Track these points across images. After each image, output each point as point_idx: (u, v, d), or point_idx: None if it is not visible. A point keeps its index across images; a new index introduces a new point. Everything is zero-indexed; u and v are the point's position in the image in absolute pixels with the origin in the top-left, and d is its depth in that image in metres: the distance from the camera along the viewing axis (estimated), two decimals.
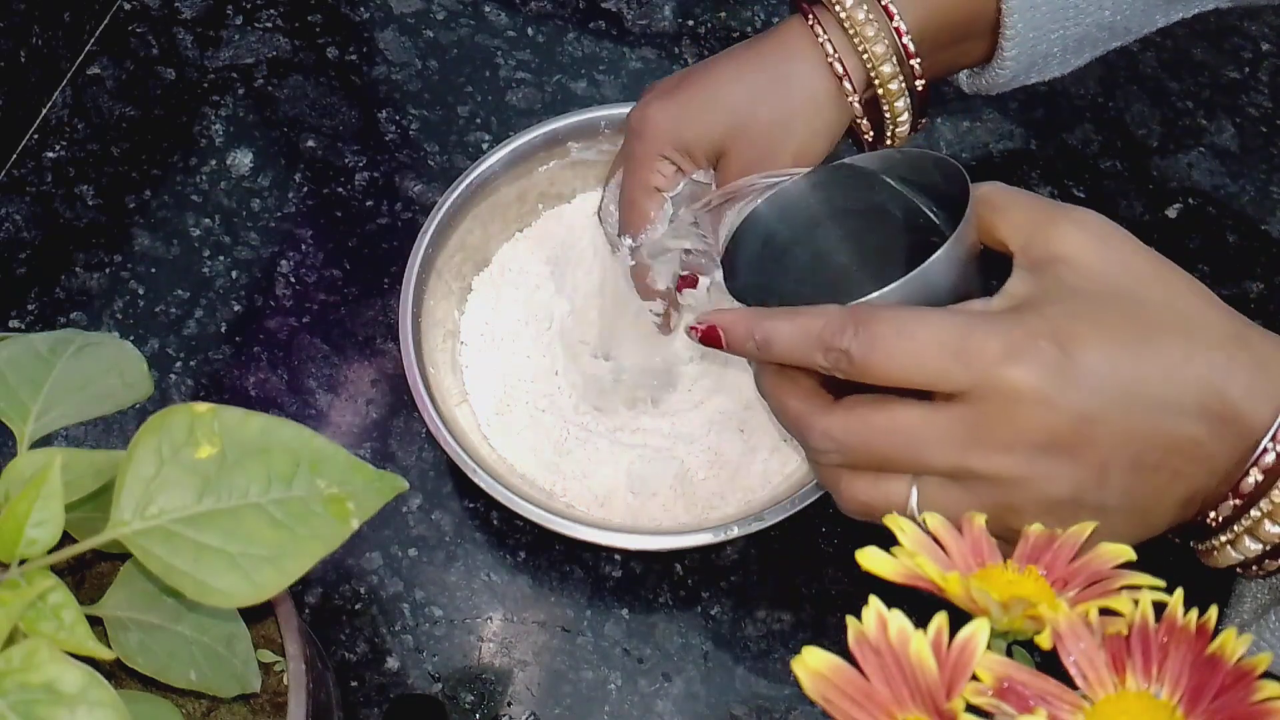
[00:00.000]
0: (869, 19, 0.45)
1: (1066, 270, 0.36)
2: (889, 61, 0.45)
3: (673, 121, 0.47)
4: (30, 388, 0.35)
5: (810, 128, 0.47)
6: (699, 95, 0.47)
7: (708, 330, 0.38)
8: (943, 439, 0.34)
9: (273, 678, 0.39)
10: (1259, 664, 0.28)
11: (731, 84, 0.47)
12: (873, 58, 0.45)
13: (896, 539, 0.33)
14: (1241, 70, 0.66)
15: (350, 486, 0.32)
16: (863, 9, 0.45)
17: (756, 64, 0.47)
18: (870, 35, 0.45)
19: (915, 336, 0.34)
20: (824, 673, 0.28)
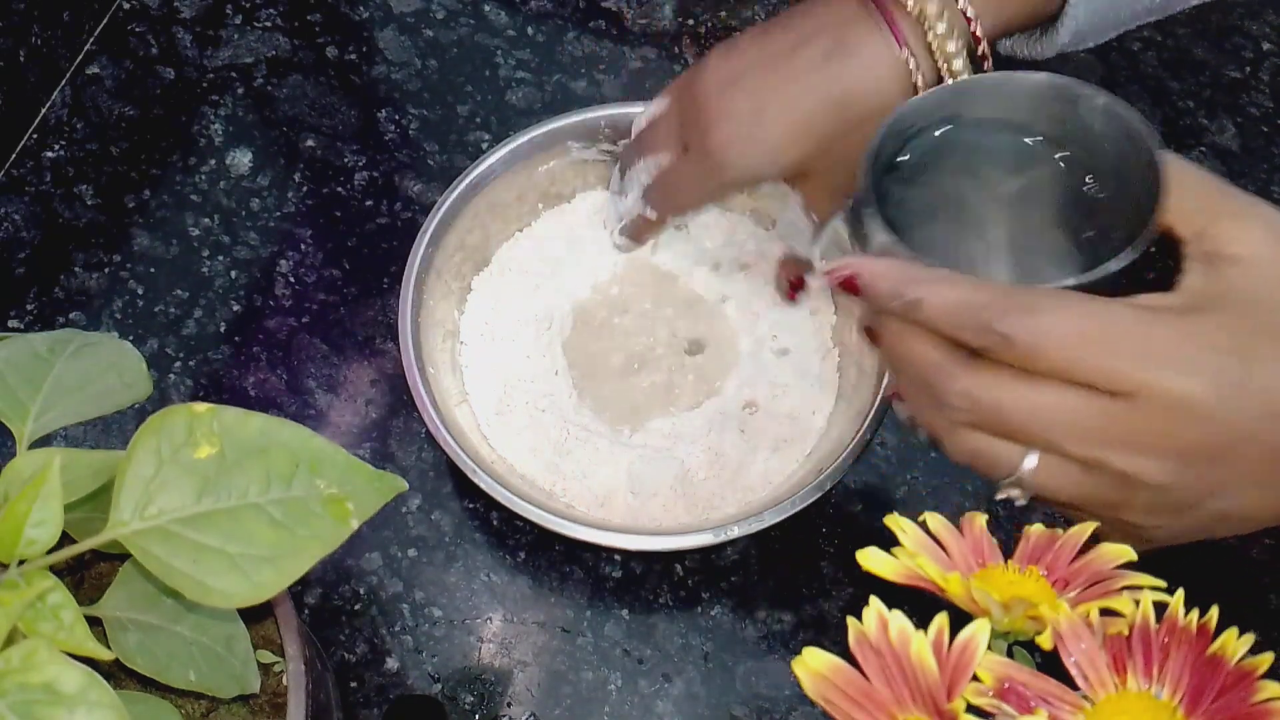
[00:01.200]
0: (949, 25, 0.43)
1: (1246, 273, 0.34)
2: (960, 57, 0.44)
3: (764, 164, 0.46)
4: (29, 388, 0.35)
5: None
6: (790, 135, 0.45)
7: (847, 279, 0.36)
8: (1091, 429, 0.33)
9: (272, 678, 0.39)
10: (1260, 664, 0.28)
11: (821, 121, 0.44)
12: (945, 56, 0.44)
13: (897, 539, 0.33)
14: (1242, 70, 0.66)
15: (350, 487, 0.32)
16: (943, 20, 0.43)
17: (840, 93, 0.44)
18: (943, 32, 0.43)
19: (1089, 335, 0.32)
20: (824, 673, 0.28)
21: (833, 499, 0.54)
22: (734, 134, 0.45)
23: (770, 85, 0.45)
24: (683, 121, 0.48)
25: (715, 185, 0.47)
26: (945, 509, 0.44)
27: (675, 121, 0.48)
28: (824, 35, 0.45)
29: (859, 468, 0.54)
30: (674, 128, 0.48)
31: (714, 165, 0.46)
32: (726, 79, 0.46)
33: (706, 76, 0.47)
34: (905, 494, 0.54)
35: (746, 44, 0.47)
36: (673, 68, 0.65)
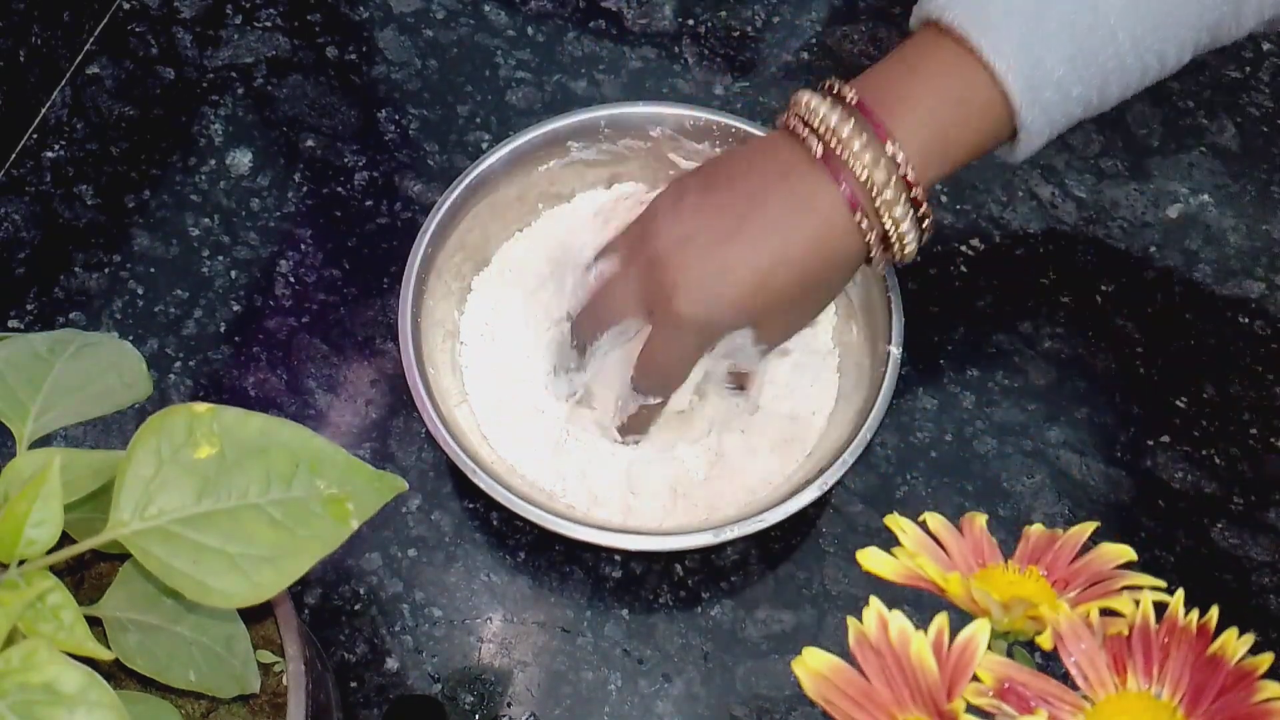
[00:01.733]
0: (896, 192, 0.44)
1: None
2: (906, 220, 0.45)
3: (735, 318, 0.46)
4: (29, 388, 0.35)
5: (829, 301, 0.50)
6: (756, 292, 0.45)
7: None
8: None
9: (272, 678, 0.39)
10: (1260, 664, 0.28)
11: (785, 277, 0.45)
12: (894, 220, 0.45)
13: (897, 539, 0.33)
14: (1242, 70, 0.66)
15: (350, 487, 0.32)
16: (890, 187, 0.44)
17: (802, 250, 0.45)
18: (890, 198, 0.44)
19: None
20: (824, 673, 0.28)
21: (832, 499, 0.54)
22: (701, 294, 0.45)
23: (729, 244, 0.45)
24: (639, 284, 0.47)
25: (692, 349, 0.47)
26: (945, 509, 0.44)
27: (630, 285, 0.47)
28: (778, 191, 0.45)
29: (859, 468, 0.54)
30: (631, 292, 0.47)
31: (683, 329, 0.46)
32: (679, 238, 0.46)
33: (657, 236, 0.46)
34: (905, 494, 0.54)
35: (694, 197, 0.47)
36: (672, 68, 0.65)
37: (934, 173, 0.45)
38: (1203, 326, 0.59)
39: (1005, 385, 0.57)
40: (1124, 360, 0.58)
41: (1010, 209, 0.62)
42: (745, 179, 0.46)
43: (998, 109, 0.44)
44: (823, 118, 0.44)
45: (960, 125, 0.44)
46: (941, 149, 0.44)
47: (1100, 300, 0.60)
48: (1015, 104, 0.43)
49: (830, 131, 0.44)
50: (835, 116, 0.44)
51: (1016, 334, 0.59)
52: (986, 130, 0.44)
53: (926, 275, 0.60)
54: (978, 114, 0.44)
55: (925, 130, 0.44)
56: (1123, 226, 0.62)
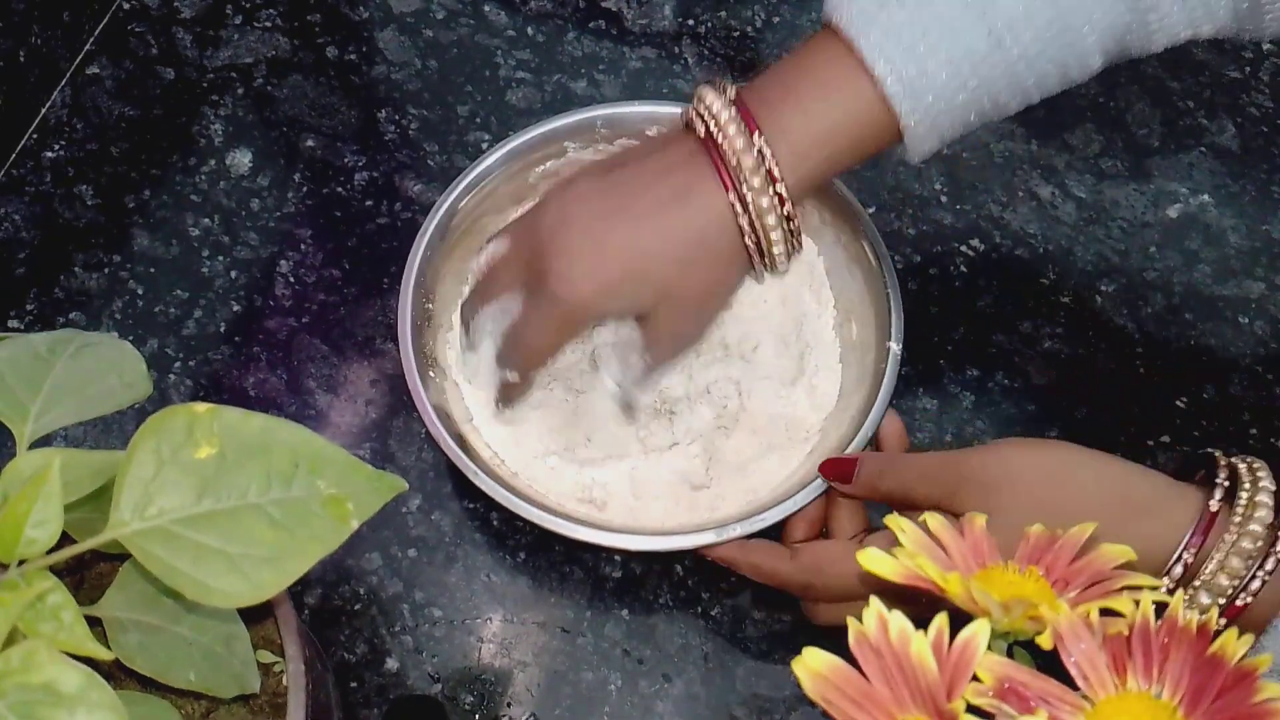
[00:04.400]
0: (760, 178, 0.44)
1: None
2: (771, 213, 0.45)
3: (605, 300, 0.46)
4: (29, 388, 0.35)
5: (730, 289, 0.49)
6: (630, 272, 0.46)
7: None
8: None
9: (272, 678, 0.39)
10: (1260, 665, 0.28)
11: (660, 260, 0.46)
12: (758, 211, 0.45)
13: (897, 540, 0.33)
14: (1242, 70, 0.66)
15: (349, 487, 0.32)
16: (757, 175, 0.44)
17: (681, 234, 0.45)
18: (757, 186, 0.45)
19: None
20: (824, 673, 0.28)
21: None
22: (573, 271, 0.45)
23: (609, 224, 0.46)
24: (523, 263, 0.47)
25: (561, 325, 0.47)
26: None
27: (515, 264, 0.48)
28: (662, 177, 0.46)
29: None
30: (514, 270, 0.48)
31: (558, 304, 0.46)
32: (565, 217, 0.46)
33: (545, 216, 0.47)
34: None
35: (586, 182, 0.47)
36: (672, 68, 0.65)
37: (809, 170, 0.45)
38: (1202, 327, 0.59)
39: (1005, 385, 0.57)
40: (1124, 360, 0.58)
41: (1010, 209, 0.62)
42: (636, 167, 0.47)
43: (879, 112, 0.44)
44: (712, 110, 0.45)
45: (841, 126, 0.44)
46: (818, 148, 0.45)
47: (1100, 300, 0.60)
48: (895, 108, 0.43)
49: (714, 121, 0.45)
50: (721, 109, 0.45)
51: (1016, 334, 0.59)
52: (868, 133, 0.45)
53: (926, 275, 0.60)
54: (859, 116, 0.44)
55: (800, 129, 0.44)
56: (1123, 226, 0.62)
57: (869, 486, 0.46)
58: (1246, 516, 0.39)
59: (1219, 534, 0.39)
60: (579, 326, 0.48)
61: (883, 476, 0.46)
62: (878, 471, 0.46)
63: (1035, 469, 0.42)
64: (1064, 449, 0.43)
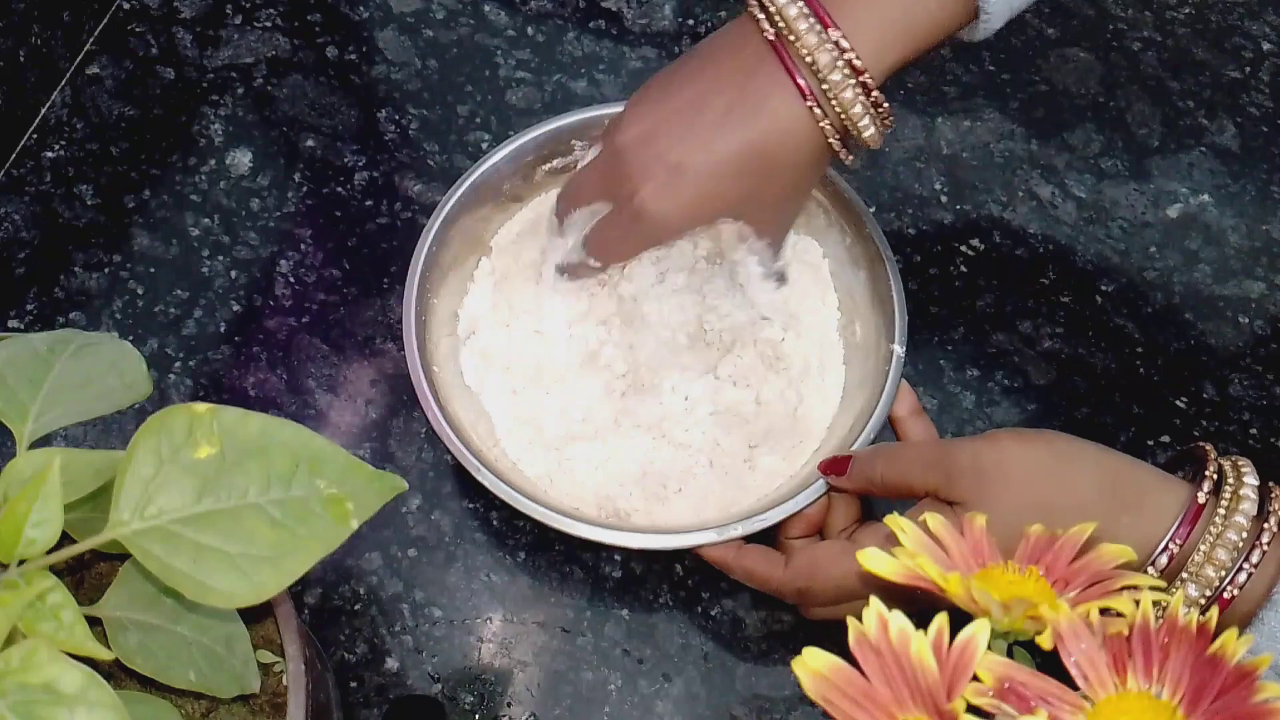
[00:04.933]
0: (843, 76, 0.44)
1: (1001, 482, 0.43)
2: (857, 104, 0.45)
3: (684, 221, 0.47)
4: (29, 388, 0.35)
5: (811, 184, 0.50)
6: (706, 193, 0.46)
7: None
8: None
9: (272, 678, 0.39)
10: (1259, 664, 0.28)
11: (737, 177, 0.46)
12: (842, 104, 0.45)
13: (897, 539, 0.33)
14: (1242, 70, 0.66)
15: (349, 487, 0.32)
16: (835, 70, 0.44)
17: (757, 147, 0.45)
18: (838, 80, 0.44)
19: None
20: (824, 673, 0.28)
21: None
22: (655, 193, 0.46)
23: (684, 143, 0.46)
24: (606, 177, 0.48)
25: (646, 240, 0.49)
26: None
27: (602, 174, 0.49)
28: (729, 88, 0.46)
29: None
30: (600, 180, 0.49)
31: (642, 222, 0.47)
32: (641, 137, 0.47)
33: (623, 134, 0.47)
34: None
35: (656, 96, 0.48)
36: None
37: (892, 58, 0.44)
38: (1202, 326, 0.59)
39: (1005, 385, 0.57)
40: (1124, 360, 0.58)
41: (1010, 209, 0.62)
42: (702, 73, 0.47)
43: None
44: (781, 7, 0.44)
45: (918, 9, 0.44)
46: (898, 34, 0.44)
47: (1100, 300, 0.60)
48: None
49: (780, 16, 0.44)
50: (793, 9, 0.44)
51: (1016, 334, 0.59)
52: (946, 13, 0.44)
53: (926, 275, 0.60)
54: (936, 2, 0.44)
55: (877, 16, 0.44)
56: (1123, 226, 0.62)
57: (864, 477, 0.46)
58: (1231, 509, 0.40)
59: (1205, 527, 0.40)
60: (658, 242, 0.49)
61: (877, 465, 0.46)
62: (871, 460, 0.46)
63: (1028, 460, 0.42)
64: (1058, 440, 0.43)
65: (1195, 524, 0.40)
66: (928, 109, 0.65)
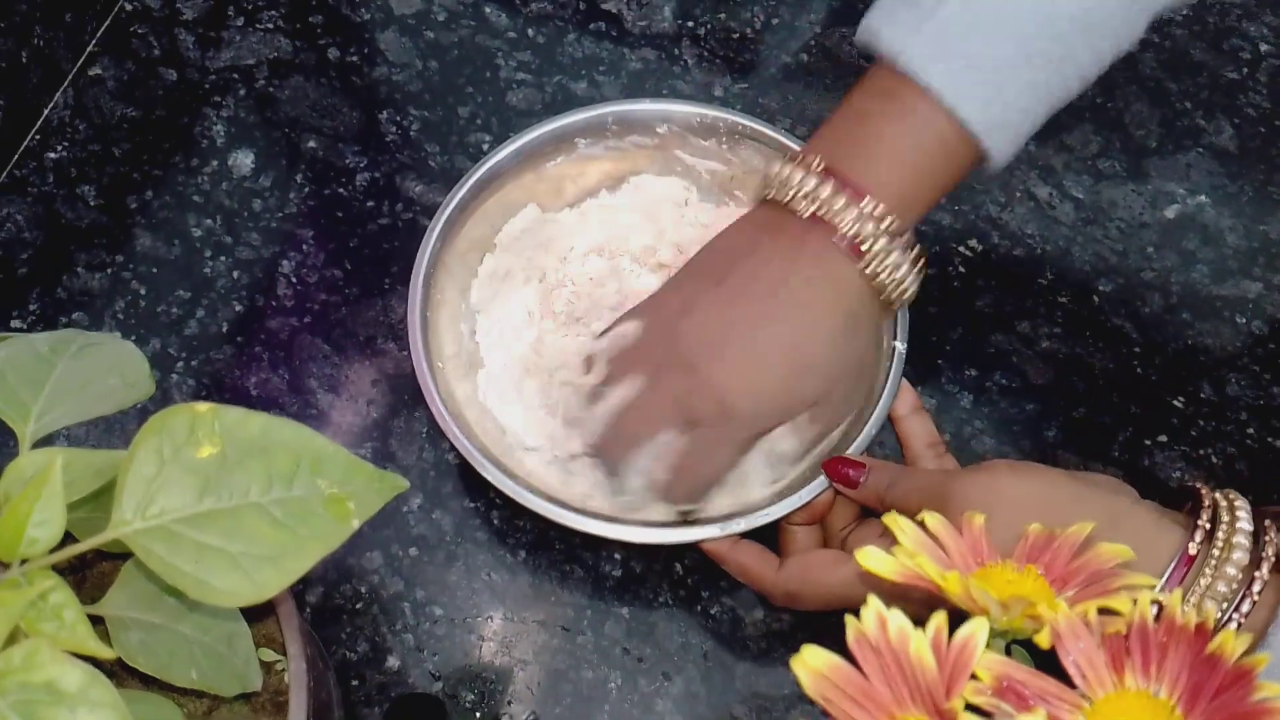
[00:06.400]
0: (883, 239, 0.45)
1: None
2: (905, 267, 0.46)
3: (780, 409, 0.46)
4: (31, 388, 0.35)
5: (877, 345, 0.50)
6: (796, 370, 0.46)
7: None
8: None
9: (274, 677, 0.39)
10: (1257, 663, 0.28)
11: (819, 348, 0.46)
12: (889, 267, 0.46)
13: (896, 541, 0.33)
14: (1240, 71, 0.66)
15: (351, 486, 0.32)
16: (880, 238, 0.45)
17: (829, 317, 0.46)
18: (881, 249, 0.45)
19: None
20: (824, 672, 0.29)
21: None
22: (740, 389, 0.45)
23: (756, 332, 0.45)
24: (679, 395, 0.46)
25: (739, 446, 0.47)
26: None
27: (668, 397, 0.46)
28: (784, 264, 0.46)
29: None
30: (669, 404, 0.46)
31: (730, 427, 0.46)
32: (709, 336, 0.45)
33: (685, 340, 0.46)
34: None
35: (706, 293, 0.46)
36: (672, 69, 0.66)
37: (915, 213, 0.46)
38: (1200, 326, 0.59)
39: (1003, 385, 0.57)
40: (1121, 360, 0.58)
41: (1008, 210, 0.62)
42: (748, 261, 0.46)
43: (965, 146, 0.45)
44: (799, 183, 0.45)
45: (930, 167, 0.45)
46: (916, 192, 0.45)
47: (1098, 300, 0.60)
48: (980, 141, 0.44)
49: (810, 196, 0.45)
50: (812, 181, 0.45)
51: (1014, 334, 0.59)
52: (955, 167, 0.45)
53: (925, 275, 0.60)
54: (946, 154, 0.45)
55: (897, 179, 0.45)
56: (1120, 227, 0.62)
57: (876, 496, 0.46)
58: (1223, 559, 0.39)
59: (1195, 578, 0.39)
60: (753, 442, 0.48)
61: (889, 488, 0.46)
62: (886, 483, 0.46)
63: (1022, 499, 0.41)
64: (1053, 479, 0.42)
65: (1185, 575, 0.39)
66: None
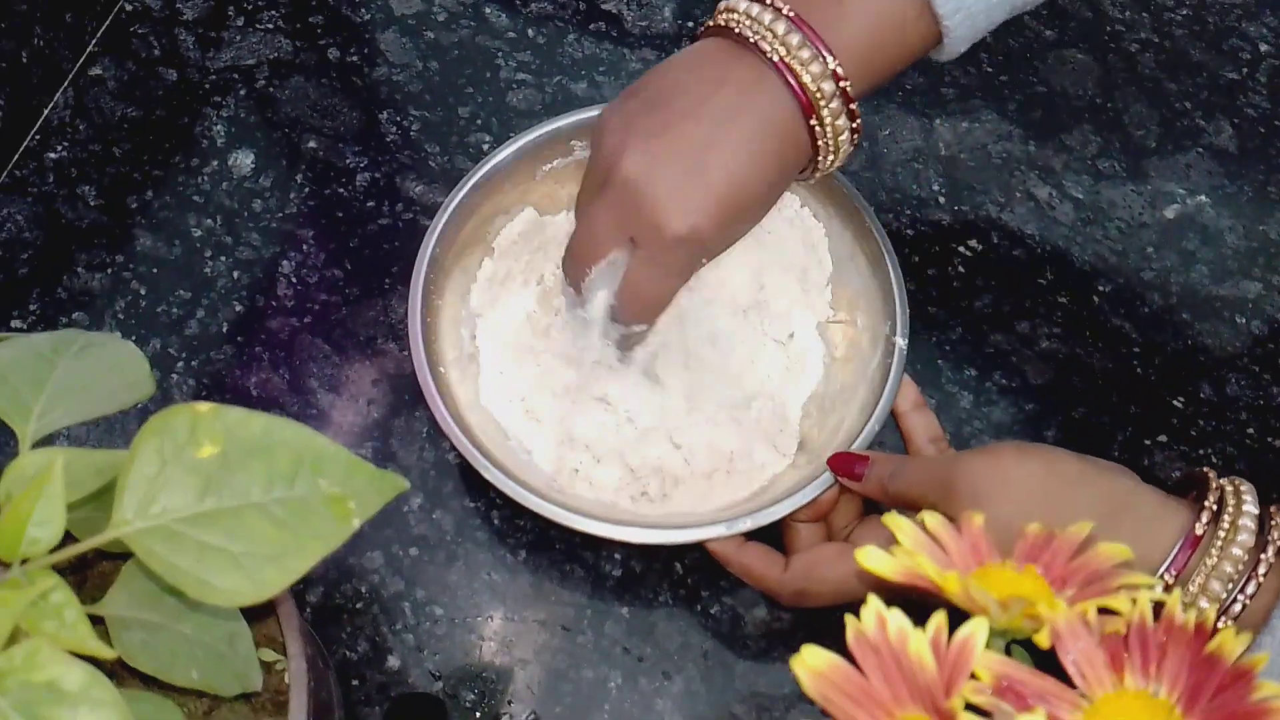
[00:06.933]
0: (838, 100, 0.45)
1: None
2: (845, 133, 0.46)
3: (723, 230, 0.46)
4: (32, 387, 0.35)
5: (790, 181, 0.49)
6: (737, 195, 0.45)
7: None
8: None
9: (274, 676, 0.39)
10: (1257, 663, 0.28)
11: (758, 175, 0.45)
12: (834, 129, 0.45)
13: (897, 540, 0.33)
14: (1240, 71, 0.67)
15: (351, 486, 0.32)
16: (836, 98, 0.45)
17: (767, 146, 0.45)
18: (835, 109, 0.45)
19: None
20: (823, 671, 0.29)
21: None
22: (683, 209, 0.44)
23: (705, 153, 0.44)
24: (622, 213, 0.45)
25: (681, 267, 0.47)
26: None
27: (610, 218, 0.46)
28: (729, 96, 0.45)
29: None
30: (611, 224, 0.46)
31: (674, 247, 0.45)
32: (652, 156, 0.45)
33: (628, 160, 0.45)
34: None
35: (645, 119, 0.46)
36: None
37: (867, 83, 0.45)
38: (1200, 326, 0.59)
39: (1003, 385, 0.57)
40: (1121, 360, 0.58)
41: (1008, 209, 0.62)
42: (699, 90, 0.46)
43: (924, 18, 0.44)
44: (768, 25, 0.44)
45: (889, 35, 0.45)
46: (873, 60, 0.45)
47: (1097, 300, 0.60)
48: (940, 14, 0.44)
49: (777, 39, 0.44)
50: (781, 26, 0.44)
51: (1014, 334, 0.59)
52: (913, 40, 0.45)
53: (924, 275, 0.60)
54: (905, 24, 0.45)
55: (858, 43, 0.44)
56: (1120, 227, 0.62)
57: (879, 487, 0.46)
58: (1229, 540, 0.39)
59: (1200, 559, 0.39)
60: (696, 265, 0.47)
61: (892, 478, 0.46)
62: (889, 473, 0.46)
63: (1026, 480, 0.42)
64: (1057, 460, 0.42)
65: (1191, 556, 0.40)
66: (926, 110, 0.65)
